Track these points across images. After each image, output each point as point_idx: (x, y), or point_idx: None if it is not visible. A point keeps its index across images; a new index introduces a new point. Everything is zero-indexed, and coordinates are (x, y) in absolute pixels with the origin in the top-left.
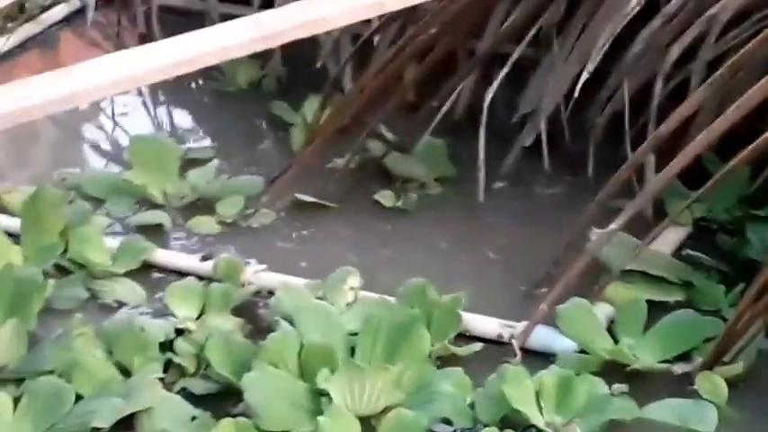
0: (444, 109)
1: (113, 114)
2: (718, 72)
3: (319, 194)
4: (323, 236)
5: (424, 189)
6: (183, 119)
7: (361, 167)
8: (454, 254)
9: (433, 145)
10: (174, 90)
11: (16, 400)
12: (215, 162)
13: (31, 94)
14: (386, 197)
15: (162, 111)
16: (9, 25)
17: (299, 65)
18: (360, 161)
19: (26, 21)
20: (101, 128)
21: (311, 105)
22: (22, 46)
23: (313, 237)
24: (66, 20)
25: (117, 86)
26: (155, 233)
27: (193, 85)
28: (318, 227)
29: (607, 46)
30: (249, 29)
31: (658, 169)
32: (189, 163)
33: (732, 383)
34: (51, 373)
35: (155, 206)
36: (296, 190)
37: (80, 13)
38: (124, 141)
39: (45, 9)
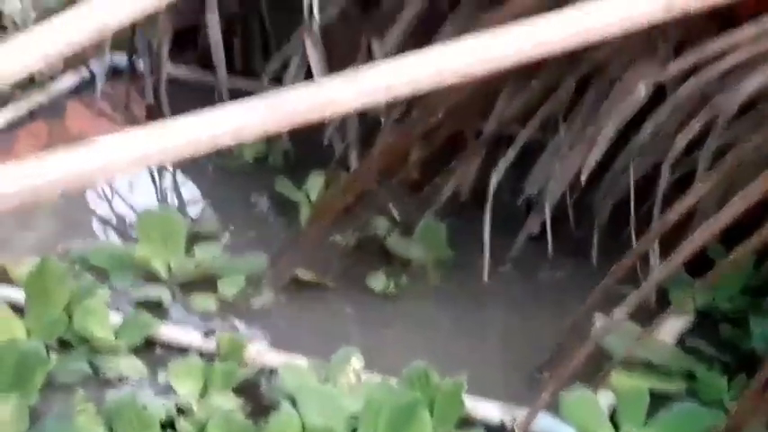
0: (449, 190)
1: (117, 186)
2: (723, 161)
3: (320, 273)
4: (323, 315)
5: (423, 271)
6: (188, 193)
7: (363, 246)
8: (456, 336)
9: (434, 227)
10: (179, 163)
11: None
12: (221, 238)
13: (41, 172)
14: (378, 280)
15: (167, 183)
16: (17, 93)
17: (305, 141)
18: (362, 240)
19: (34, 89)
20: (106, 199)
21: (314, 183)
22: (30, 114)
23: (313, 316)
24: (75, 89)
25: (132, 165)
26: (156, 308)
27: (199, 158)
28: (318, 306)
29: (614, 134)
30: (261, 109)
31: (662, 256)
32: (195, 238)
33: None
34: None
35: (157, 281)
36: (297, 268)
37: (89, 83)
38: (129, 213)
39: (53, 78)
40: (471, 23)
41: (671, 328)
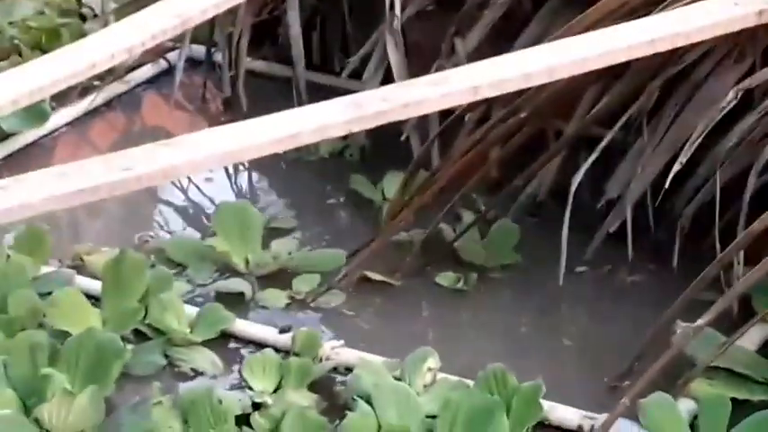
0: (528, 190)
1: (194, 178)
2: None
3: (392, 273)
4: (394, 315)
5: (495, 273)
6: (263, 187)
7: (436, 245)
8: (532, 339)
9: (507, 230)
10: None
11: None
12: (296, 233)
13: (132, 165)
14: (448, 279)
15: (243, 177)
16: (96, 83)
17: (382, 136)
18: (434, 240)
19: (113, 80)
20: (181, 190)
21: (391, 181)
22: (108, 104)
23: (385, 315)
24: (152, 80)
25: (216, 162)
26: (234, 302)
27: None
28: (389, 306)
29: (700, 138)
30: (347, 108)
31: (746, 263)
32: (271, 232)
33: None
34: None
35: (236, 274)
36: (370, 267)
37: (166, 74)
38: (205, 206)
39: (132, 69)
40: (555, 23)
41: (754, 336)
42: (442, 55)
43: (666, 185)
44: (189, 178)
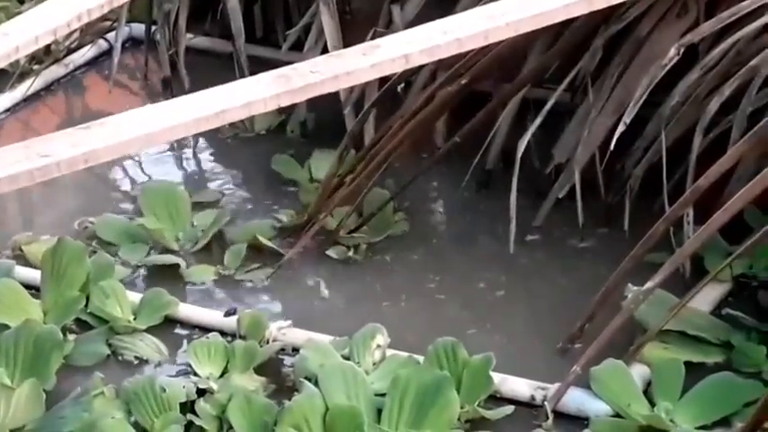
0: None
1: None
2: (759, 124)
3: (327, 246)
4: (340, 290)
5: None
6: (197, 163)
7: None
8: (484, 309)
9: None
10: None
11: None
12: (224, 207)
13: (52, 151)
14: (338, 252)
15: (178, 155)
16: (35, 67)
17: (326, 110)
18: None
19: (52, 63)
20: (121, 170)
21: (318, 161)
22: (48, 88)
23: (332, 289)
24: (92, 62)
25: (140, 144)
26: (172, 285)
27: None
28: (335, 279)
29: (644, 97)
30: (276, 82)
31: (697, 223)
32: (199, 208)
33: None
34: None
35: (168, 251)
36: (304, 242)
37: (106, 55)
38: (135, 185)
39: (71, 51)
40: None
41: (707, 297)
42: (380, 24)
43: (612, 147)
44: (135, 158)
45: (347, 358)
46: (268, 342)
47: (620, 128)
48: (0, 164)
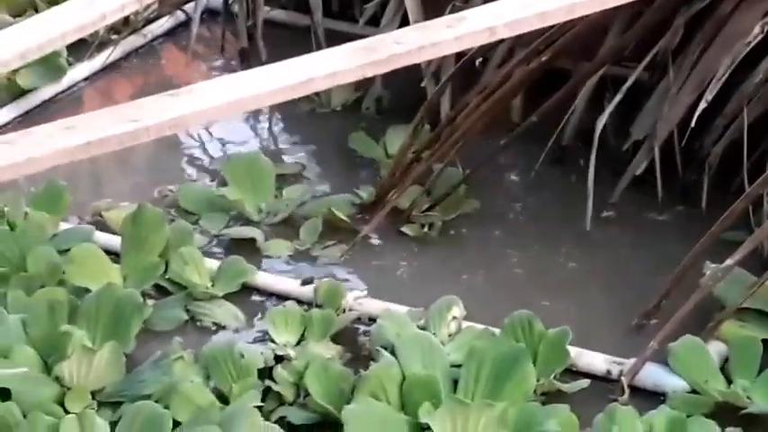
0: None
1: (213, 129)
2: None
3: (401, 224)
4: (416, 266)
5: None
6: (279, 136)
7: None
8: (559, 285)
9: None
10: (275, 107)
11: (113, 424)
12: (306, 182)
13: (140, 116)
14: (413, 229)
15: (261, 126)
16: (113, 37)
17: (401, 86)
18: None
19: (130, 33)
20: (198, 141)
21: (393, 137)
22: (126, 58)
23: (407, 264)
24: (170, 33)
25: (226, 111)
26: (250, 253)
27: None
28: (411, 255)
29: (726, 75)
30: (360, 53)
31: None
32: (279, 180)
33: None
34: (149, 397)
35: (248, 222)
36: (381, 217)
37: (183, 26)
38: (220, 156)
39: (149, 22)
40: None
41: None
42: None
43: (692, 124)
44: (207, 129)
45: (423, 329)
46: (344, 311)
47: (702, 105)
48: (90, 128)
